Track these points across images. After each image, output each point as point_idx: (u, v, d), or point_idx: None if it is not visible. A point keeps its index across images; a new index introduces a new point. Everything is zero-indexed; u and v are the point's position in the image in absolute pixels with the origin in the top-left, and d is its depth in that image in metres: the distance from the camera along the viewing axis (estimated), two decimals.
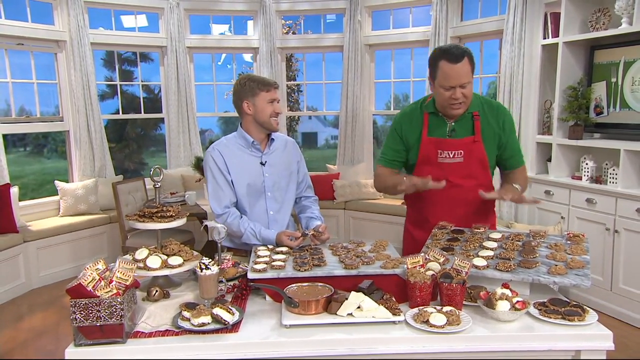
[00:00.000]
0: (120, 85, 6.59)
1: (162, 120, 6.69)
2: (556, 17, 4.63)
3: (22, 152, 9.81)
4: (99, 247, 5.56)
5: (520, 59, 4.91)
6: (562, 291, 2.17)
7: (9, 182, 5.01)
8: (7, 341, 3.94)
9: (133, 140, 9.32)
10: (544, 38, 4.77)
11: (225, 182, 2.46)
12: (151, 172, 2.10)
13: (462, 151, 2.44)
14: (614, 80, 4.31)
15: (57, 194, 5.58)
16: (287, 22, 7.81)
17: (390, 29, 6.30)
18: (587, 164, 4.39)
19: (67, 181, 5.80)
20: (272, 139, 2.54)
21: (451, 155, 2.44)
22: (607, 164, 4.30)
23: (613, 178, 4.13)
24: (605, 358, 1.72)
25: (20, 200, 5.19)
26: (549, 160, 4.78)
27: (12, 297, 4.80)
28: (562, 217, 4.52)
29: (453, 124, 2.45)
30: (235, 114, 2.58)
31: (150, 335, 1.73)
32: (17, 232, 4.89)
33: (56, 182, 5.59)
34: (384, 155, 2.62)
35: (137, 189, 5.16)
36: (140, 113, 6.73)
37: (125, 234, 4.87)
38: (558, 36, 4.61)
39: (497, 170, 2.65)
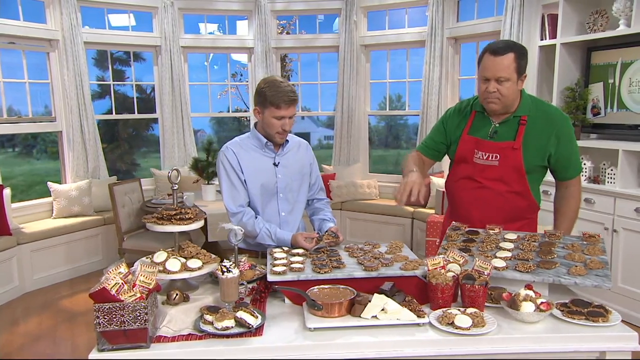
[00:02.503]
0: (111, 85, 6.49)
1: (154, 120, 6.61)
2: (553, 18, 4.68)
3: (10, 152, 9.63)
4: (93, 249, 5.48)
5: None
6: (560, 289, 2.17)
7: (1, 183, 4.91)
8: (4, 345, 3.86)
9: (125, 140, 9.20)
10: (542, 39, 4.81)
11: (239, 181, 2.43)
12: (169, 174, 2.06)
13: (497, 155, 2.33)
14: (611, 81, 4.36)
15: (49, 195, 5.49)
16: (281, 22, 7.78)
17: (386, 29, 6.31)
18: (585, 164, 4.43)
19: (59, 182, 5.70)
20: (287, 140, 2.51)
21: (485, 157, 2.36)
22: (604, 164, 4.35)
23: (611, 178, 4.18)
24: (630, 359, 1.73)
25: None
26: None
27: (6, 300, 4.71)
28: None
29: (497, 125, 2.36)
30: (227, 115, 2.54)
31: (173, 339, 1.70)
32: (10, 235, 4.80)
33: (49, 183, 5.50)
34: (423, 143, 2.61)
35: (133, 190, 5.10)
36: (134, 113, 6.64)
37: (122, 236, 4.81)
38: (555, 37, 4.65)
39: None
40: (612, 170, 4.18)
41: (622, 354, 1.72)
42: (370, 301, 1.82)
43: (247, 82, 6.96)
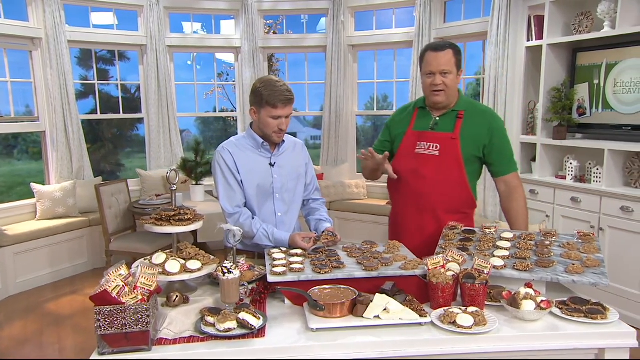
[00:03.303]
0: (95, 84, 6.39)
1: (139, 120, 6.52)
2: (540, 20, 4.73)
3: None
4: (78, 251, 5.39)
5: (504, 60, 4.99)
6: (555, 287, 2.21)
7: None
8: None
9: (109, 141, 9.06)
10: (528, 40, 4.86)
11: (235, 182, 2.40)
12: (167, 175, 2.03)
13: (438, 145, 2.51)
14: (596, 82, 4.43)
15: (32, 197, 5.39)
16: (268, 22, 7.76)
17: (374, 29, 6.32)
18: (571, 163, 4.49)
19: (42, 183, 5.60)
20: (282, 140, 2.50)
21: (426, 147, 2.53)
22: (590, 164, 4.42)
23: (597, 177, 4.24)
24: (628, 356, 1.75)
25: None
26: (533, 160, 4.88)
27: None
28: (547, 216, 4.62)
29: (437, 118, 2.55)
30: (211, 115, 2.52)
31: (174, 342, 1.67)
32: None
33: (32, 184, 5.40)
34: (374, 145, 2.76)
35: (119, 190, 5.02)
36: (118, 113, 6.55)
37: (108, 238, 4.74)
38: (542, 38, 4.70)
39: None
40: (597, 169, 4.24)
41: (621, 351, 1.75)
42: (372, 301, 1.82)
43: (233, 82, 6.92)
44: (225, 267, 1.80)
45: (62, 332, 4.10)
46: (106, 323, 1.56)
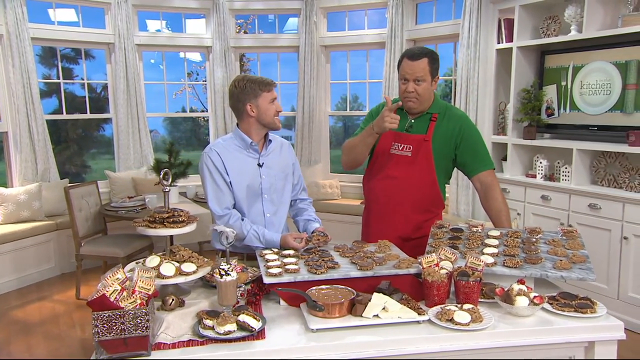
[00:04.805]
0: (61, 83, 6.18)
1: (105, 120, 6.36)
2: (510, 23, 4.85)
3: None
4: (45, 256, 5.21)
5: (475, 62, 5.09)
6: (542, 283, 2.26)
7: None
8: None
9: (74, 141, 8.76)
10: (498, 43, 4.98)
11: (224, 183, 2.37)
12: (161, 176, 1.99)
13: (411, 146, 2.59)
14: (564, 83, 4.57)
15: None
16: (238, 22, 7.68)
17: (346, 30, 6.35)
18: (540, 162, 4.63)
19: (5, 186, 5.39)
20: (270, 140, 2.48)
21: (400, 148, 2.62)
22: (559, 163, 4.56)
23: (566, 176, 4.38)
24: (616, 348, 1.81)
25: None
26: (504, 159, 5.00)
27: None
28: (518, 214, 4.74)
29: (413, 120, 2.63)
30: (181, 115, 2.50)
31: (173, 346, 1.64)
32: None
33: None
34: (354, 134, 2.76)
35: (90, 193, 4.87)
36: (83, 113, 6.35)
37: (79, 241, 4.59)
38: (512, 41, 4.82)
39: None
40: (566, 168, 4.38)
41: (610, 343, 1.81)
42: (370, 300, 1.82)
43: (204, 81, 6.82)
44: (223, 269, 1.77)
45: (31, 340, 3.95)
46: (104, 329, 1.51)
